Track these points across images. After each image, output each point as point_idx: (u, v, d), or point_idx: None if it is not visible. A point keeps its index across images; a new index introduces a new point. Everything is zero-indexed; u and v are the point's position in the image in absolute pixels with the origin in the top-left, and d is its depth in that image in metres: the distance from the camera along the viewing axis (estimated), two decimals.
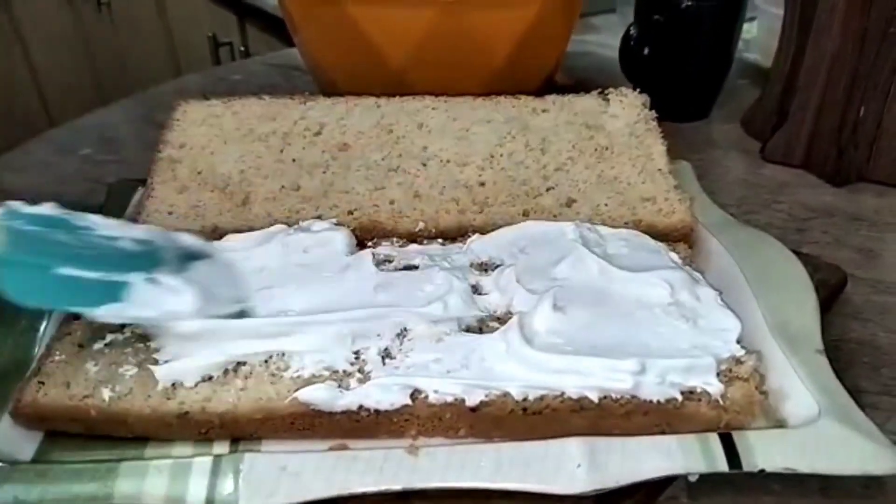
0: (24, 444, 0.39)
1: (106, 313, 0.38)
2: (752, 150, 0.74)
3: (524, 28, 0.63)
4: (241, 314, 0.41)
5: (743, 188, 0.69)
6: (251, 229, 0.49)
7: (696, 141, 0.75)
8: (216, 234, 0.50)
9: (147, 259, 0.41)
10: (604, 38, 0.98)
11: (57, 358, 0.40)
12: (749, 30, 0.92)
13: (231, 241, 0.48)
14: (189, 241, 0.45)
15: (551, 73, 0.70)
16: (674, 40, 0.74)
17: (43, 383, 0.39)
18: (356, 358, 0.40)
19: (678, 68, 0.75)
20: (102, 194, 0.58)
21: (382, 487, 0.35)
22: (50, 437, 0.40)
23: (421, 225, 0.50)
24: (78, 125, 0.80)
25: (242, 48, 1.66)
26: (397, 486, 0.35)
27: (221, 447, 0.39)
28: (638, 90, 0.59)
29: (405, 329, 0.41)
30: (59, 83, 2.08)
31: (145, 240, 0.43)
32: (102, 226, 0.42)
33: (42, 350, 0.42)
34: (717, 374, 0.39)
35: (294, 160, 0.55)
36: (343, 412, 0.38)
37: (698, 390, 0.38)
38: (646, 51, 0.76)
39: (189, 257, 0.43)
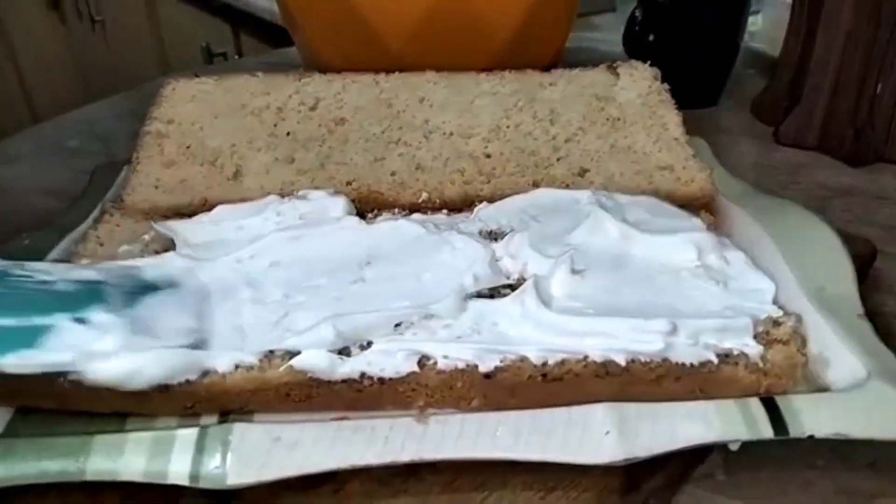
0: None
1: (12, 362, 0.33)
2: (764, 136, 0.71)
3: (526, 10, 0.60)
4: (196, 346, 0.36)
5: (757, 171, 0.66)
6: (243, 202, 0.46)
7: (705, 127, 0.72)
8: (205, 207, 0.46)
9: (84, 298, 0.36)
10: (604, 36, 0.96)
11: None
12: (754, 22, 0.90)
13: (220, 211, 0.44)
14: (152, 273, 0.39)
15: (553, 61, 0.68)
16: (679, 24, 0.72)
17: None
18: None
19: (684, 53, 0.72)
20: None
21: (388, 459, 0.32)
22: (21, 414, 0.36)
23: (424, 196, 0.47)
24: (65, 119, 0.77)
25: (237, 58, 1.64)
26: (405, 458, 0.32)
27: (209, 421, 0.35)
28: (649, 63, 0.57)
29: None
30: (52, 101, 2.05)
31: (91, 279, 0.38)
32: (43, 271, 0.37)
33: None
34: (754, 337, 0.36)
35: (288, 134, 0.51)
36: (343, 381, 0.34)
37: (735, 353, 0.35)
38: (651, 37, 0.74)
39: (145, 290, 0.38)
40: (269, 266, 0.40)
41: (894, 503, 0.35)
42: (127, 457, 0.32)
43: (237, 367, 0.34)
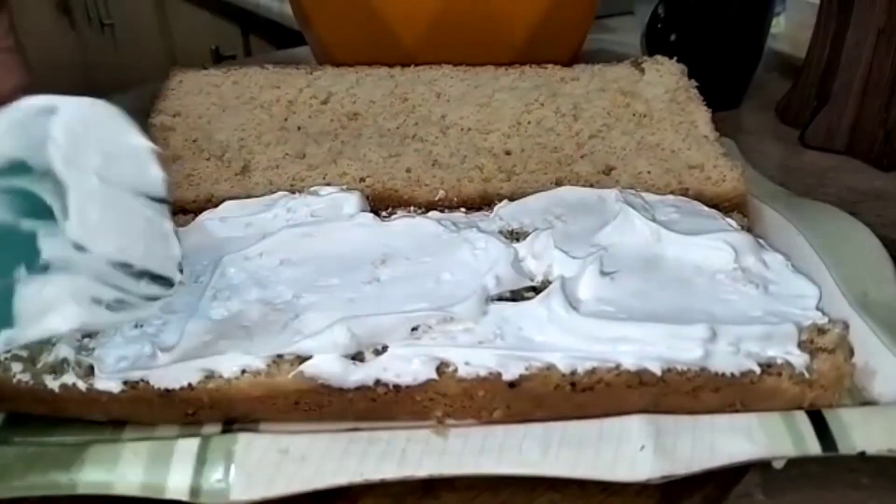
0: None
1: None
2: (789, 138, 0.68)
3: (545, 7, 0.58)
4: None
5: (784, 174, 0.63)
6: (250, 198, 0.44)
7: (728, 128, 0.69)
8: (212, 203, 0.44)
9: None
10: (620, 38, 0.94)
11: None
12: (776, 23, 0.87)
13: (227, 207, 0.42)
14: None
15: (572, 61, 0.65)
16: (704, 23, 0.69)
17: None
18: None
19: (708, 53, 0.70)
20: None
21: (405, 474, 0.29)
22: (12, 420, 0.33)
23: (441, 193, 0.44)
24: None
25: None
26: (423, 473, 0.29)
27: (212, 430, 0.32)
28: (675, 59, 0.54)
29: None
30: None
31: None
32: None
33: None
34: (799, 345, 0.33)
35: (299, 128, 0.49)
36: (356, 388, 0.32)
37: (778, 362, 0.32)
38: (673, 36, 0.71)
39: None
40: (279, 264, 0.37)
41: None
42: (122, 468, 0.29)
43: (243, 371, 0.32)
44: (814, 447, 0.30)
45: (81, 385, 0.32)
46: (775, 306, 0.35)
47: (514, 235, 0.41)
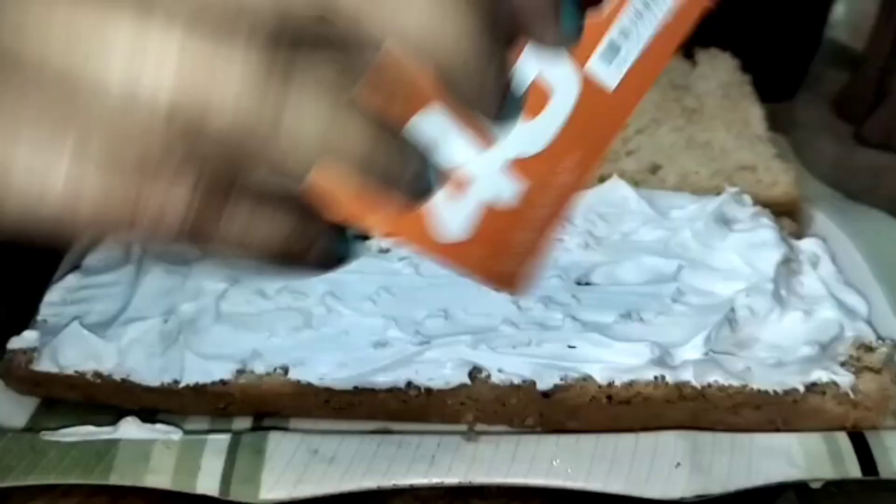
0: (16, 411, 0.33)
1: None
2: (845, 134, 0.66)
3: None
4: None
5: (837, 172, 0.61)
6: None
7: (781, 121, 0.68)
8: None
9: None
10: None
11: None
12: (836, 11, 0.84)
13: None
14: None
15: None
16: (758, 8, 0.67)
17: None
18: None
19: (762, 40, 0.68)
20: None
21: (434, 480, 0.29)
22: (46, 405, 0.34)
23: None
24: None
25: None
26: (453, 480, 0.29)
27: (242, 425, 0.32)
28: (729, 53, 0.52)
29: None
30: None
31: None
32: None
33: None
34: (843, 364, 0.32)
35: None
36: (388, 390, 0.31)
37: (823, 381, 0.31)
38: (725, 22, 0.69)
39: None
40: None
41: None
42: (154, 462, 0.29)
43: (275, 369, 0.32)
44: (854, 470, 0.29)
45: (116, 375, 0.32)
46: (821, 321, 0.34)
47: None
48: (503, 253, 0.22)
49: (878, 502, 0.33)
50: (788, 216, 0.43)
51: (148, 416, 0.33)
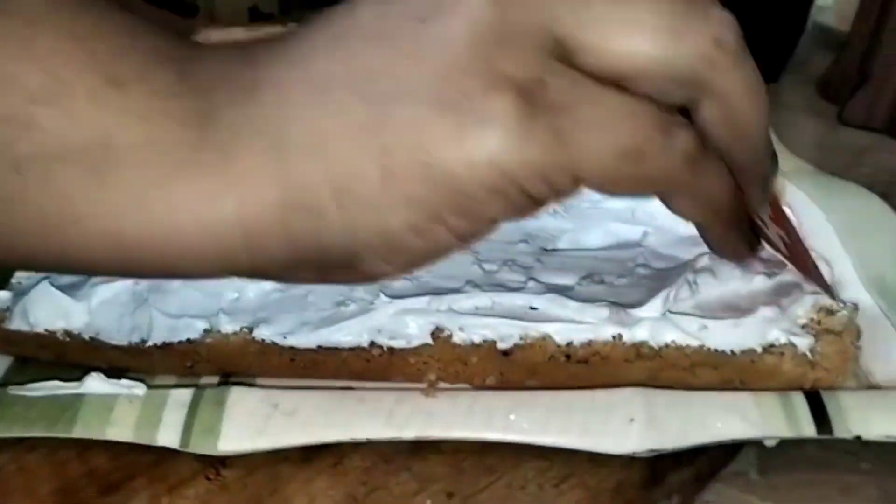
0: None
1: None
2: (828, 115, 0.66)
3: None
4: None
5: (818, 152, 0.62)
6: None
7: None
8: None
9: None
10: None
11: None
12: None
13: None
14: None
15: None
16: None
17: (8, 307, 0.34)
18: None
19: (747, 22, 0.68)
20: None
21: (391, 434, 0.29)
22: (20, 364, 0.34)
23: None
24: None
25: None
26: (409, 435, 0.29)
27: (209, 383, 0.33)
28: None
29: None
30: None
31: None
32: None
33: None
34: (804, 326, 0.32)
35: None
36: (350, 349, 0.32)
37: (781, 342, 0.31)
38: None
39: None
40: None
41: None
42: (116, 415, 0.30)
43: (241, 328, 0.32)
44: (808, 429, 0.29)
45: (85, 334, 0.33)
46: (783, 285, 0.34)
47: None
48: None
49: (838, 465, 0.33)
50: None
51: (117, 374, 0.33)
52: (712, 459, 0.31)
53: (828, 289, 0.32)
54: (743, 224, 0.26)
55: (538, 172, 0.19)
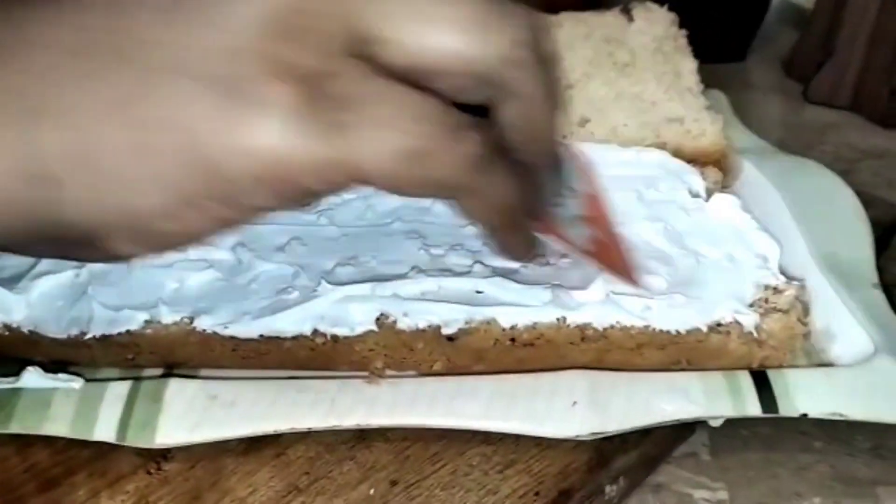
0: None
1: None
2: (794, 93, 0.66)
3: None
4: None
5: (783, 130, 0.61)
6: None
7: (731, 82, 0.67)
8: None
9: None
10: None
11: None
12: None
13: None
14: None
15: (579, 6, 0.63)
16: None
17: None
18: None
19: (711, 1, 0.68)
20: None
21: (332, 423, 0.29)
22: None
23: None
24: None
25: None
26: (350, 423, 0.29)
27: (151, 374, 0.32)
28: (667, 7, 0.52)
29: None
30: None
31: None
32: None
33: None
34: (751, 305, 0.32)
35: None
36: (294, 338, 0.31)
37: (727, 321, 0.31)
38: None
39: None
40: None
41: None
42: (54, 410, 0.29)
43: (182, 318, 0.32)
44: (753, 408, 0.29)
45: (24, 327, 0.32)
46: (730, 265, 0.34)
47: None
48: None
49: (790, 444, 0.33)
50: (717, 166, 0.43)
51: (60, 368, 0.33)
52: (660, 441, 0.31)
53: (633, 281, 0.31)
54: (524, 226, 0.26)
55: (312, 167, 0.18)
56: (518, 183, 0.22)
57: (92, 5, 0.19)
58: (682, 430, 0.32)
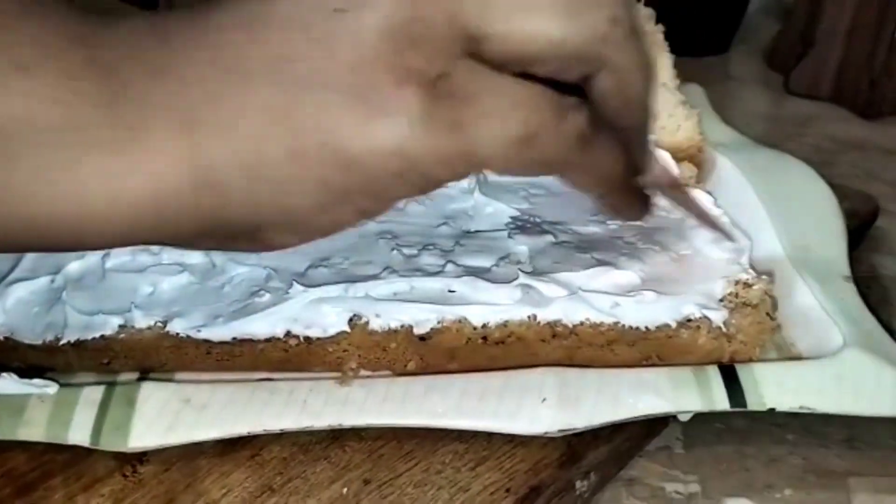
0: None
1: None
2: (776, 84, 0.67)
3: None
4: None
5: (764, 122, 0.62)
6: None
7: (713, 74, 0.68)
8: None
9: None
10: None
11: None
12: None
13: None
14: None
15: None
16: None
17: None
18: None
19: None
20: None
21: (304, 424, 0.29)
22: None
23: None
24: None
25: None
26: (322, 424, 0.29)
27: (128, 380, 0.33)
28: (643, 2, 0.52)
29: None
30: None
31: None
32: None
33: None
34: (721, 300, 0.32)
35: None
36: (267, 339, 0.32)
37: (696, 316, 0.32)
38: None
39: None
40: None
41: (868, 483, 0.32)
42: (28, 415, 0.30)
43: (156, 322, 0.32)
44: (722, 402, 0.30)
45: (0, 334, 0.32)
46: (700, 260, 0.34)
47: None
48: None
49: (763, 436, 0.33)
50: (692, 161, 0.43)
51: (37, 374, 0.33)
52: (631, 437, 0.31)
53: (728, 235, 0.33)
54: (632, 188, 0.27)
55: (439, 159, 0.21)
56: (620, 151, 0.24)
57: (233, 25, 0.21)
58: (654, 426, 0.32)
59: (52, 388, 0.30)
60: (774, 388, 0.30)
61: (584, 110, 0.22)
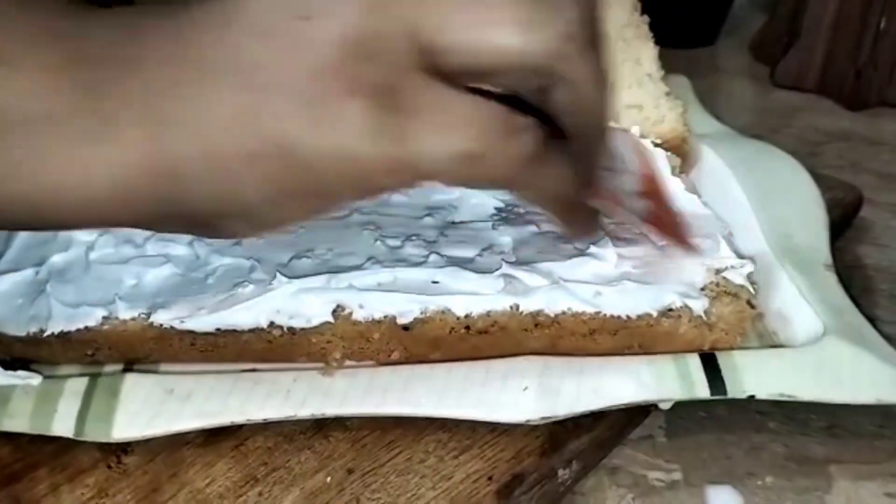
0: None
1: None
2: (762, 76, 0.67)
3: None
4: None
5: (750, 114, 0.62)
6: None
7: (700, 66, 0.68)
8: None
9: None
10: None
11: None
12: None
13: None
14: None
15: None
16: None
17: None
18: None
19: None
20: None
21: (287, 414, 0.29)
22: None
23: None
24: None
25: None
26: (305, 413, 0.29)
27: (112, 370, 0.33)
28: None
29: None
30: None
31: None
32: None
33: None
34: (702, 289, 0.33)
35: None
36: (250, 330, 0.32)
37: (677, 305, 0.32)
38: None
39: None
40: None
41: (848, 470, 0.32)
42: (13, 406, 0.30)
43: (140, 313, 0.32)
44: (702, 390, 0.30)
45: None
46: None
47: None
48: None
49: (745, 425, 0.34)
50: (675, 152, 0.44)
51: (21, 366, 0.33)
52: (613, 425, 0.32)
53: (693, 250, 0.33)
54: (583, 208, 0.28)
55: (384, 168, 0.21)
56: (571, 171, 0.25)
57: (204, 27, 0.22)
58: (636, 414, 0.32)
59: (35, 380, 0.30)
60: (754, 375, 0.30)
61: (537, 131, 0.23)
